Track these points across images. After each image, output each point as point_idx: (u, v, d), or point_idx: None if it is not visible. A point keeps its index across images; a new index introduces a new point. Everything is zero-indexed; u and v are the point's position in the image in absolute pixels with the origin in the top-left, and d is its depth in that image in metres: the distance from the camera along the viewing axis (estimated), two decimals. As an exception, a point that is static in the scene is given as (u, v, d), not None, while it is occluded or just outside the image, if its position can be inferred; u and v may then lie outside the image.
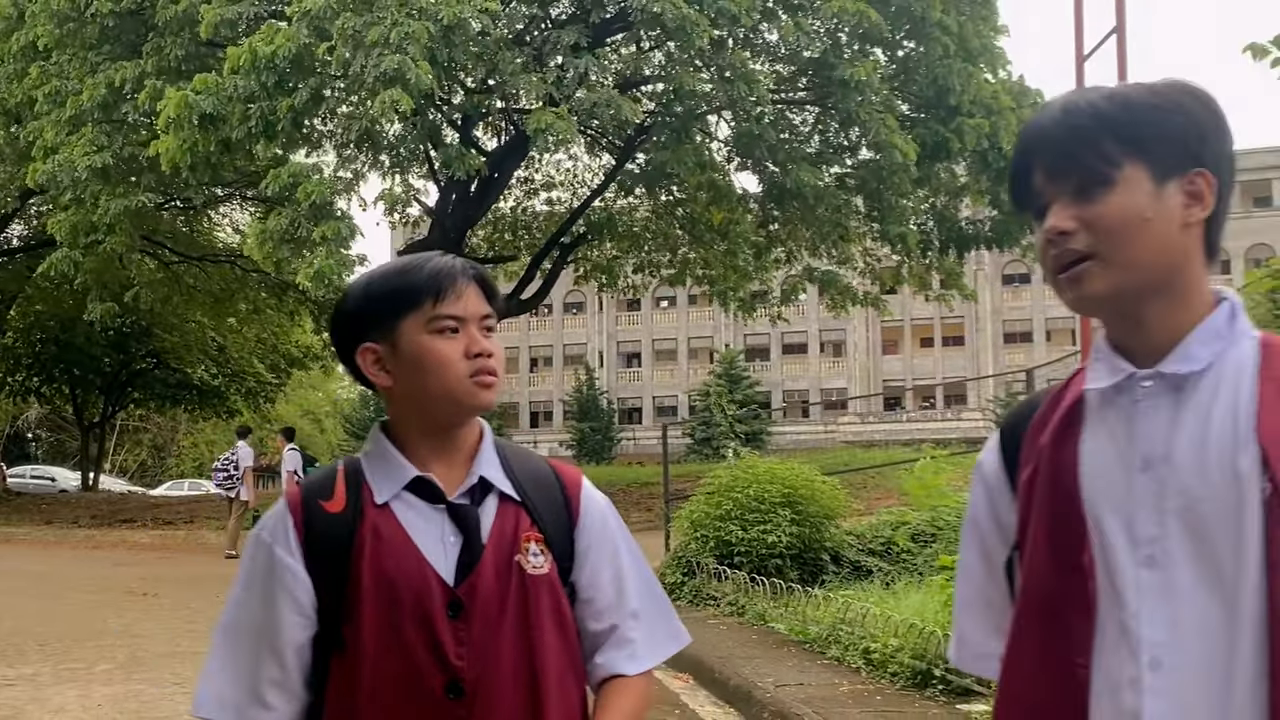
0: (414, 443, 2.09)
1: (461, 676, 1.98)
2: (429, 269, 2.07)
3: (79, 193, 20.03)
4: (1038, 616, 1.78)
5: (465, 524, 2.04)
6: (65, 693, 8.70)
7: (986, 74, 21.83)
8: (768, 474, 13.09)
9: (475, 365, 2.05)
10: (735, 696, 8.40)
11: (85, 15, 20.21)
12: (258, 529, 2.11)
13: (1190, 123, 1.69)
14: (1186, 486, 1.66)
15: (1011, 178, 1.82)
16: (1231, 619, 1.62)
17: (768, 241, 26.41)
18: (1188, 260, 1.70)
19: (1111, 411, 1.76)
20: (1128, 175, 1.67)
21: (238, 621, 2.06)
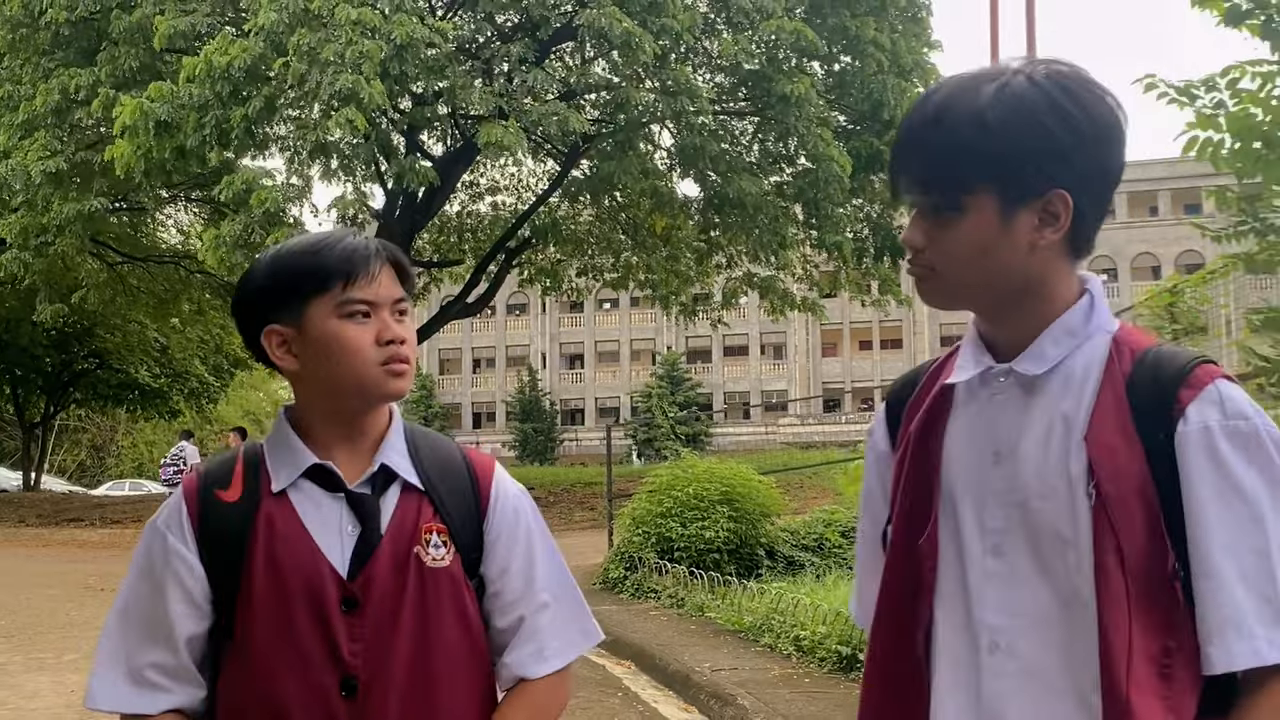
0: (318, 429, 2.02)
1: (355, 674, 1.92)
2: (340, 249, 1.98)
3: (31, 195, 20.27)
4: (889, 594, 1.89)
5: (364, 514, 1.98)
6: (38, 680, 9.10)
7: (920, 88, 22.53)
8: (706, 473, 13.70)
9: (386, 352, 1.97)
10: (674, 680, 8.98)
11: (39, 22, 20.44)
12: (154, 517, 2.05)
13: (1049, 146, 1.70)
14: (1026, 484, 1.74)
15: (889, 177, 1.91)
16: (1067, 611, 1.71)
17: (709, 247, 26.97)
18: (1040, 273, 1.75)
19: (974, 401, 1.84)
20: (978, 204, 1.71)
21: (130, 609, 2.00)
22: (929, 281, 1.78)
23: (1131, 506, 1.68)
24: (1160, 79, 6.20)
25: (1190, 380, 1.69)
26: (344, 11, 16.63)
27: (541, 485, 30.92)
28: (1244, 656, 1.62)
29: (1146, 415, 1.70)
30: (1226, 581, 1.64)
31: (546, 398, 77.15)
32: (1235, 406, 1.68)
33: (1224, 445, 1.67)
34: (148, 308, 35.11)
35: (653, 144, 24.49)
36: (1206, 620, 1.65)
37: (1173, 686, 1.66)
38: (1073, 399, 1.74)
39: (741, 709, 7.47)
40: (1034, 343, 1.76)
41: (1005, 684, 1.74)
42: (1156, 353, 1.76)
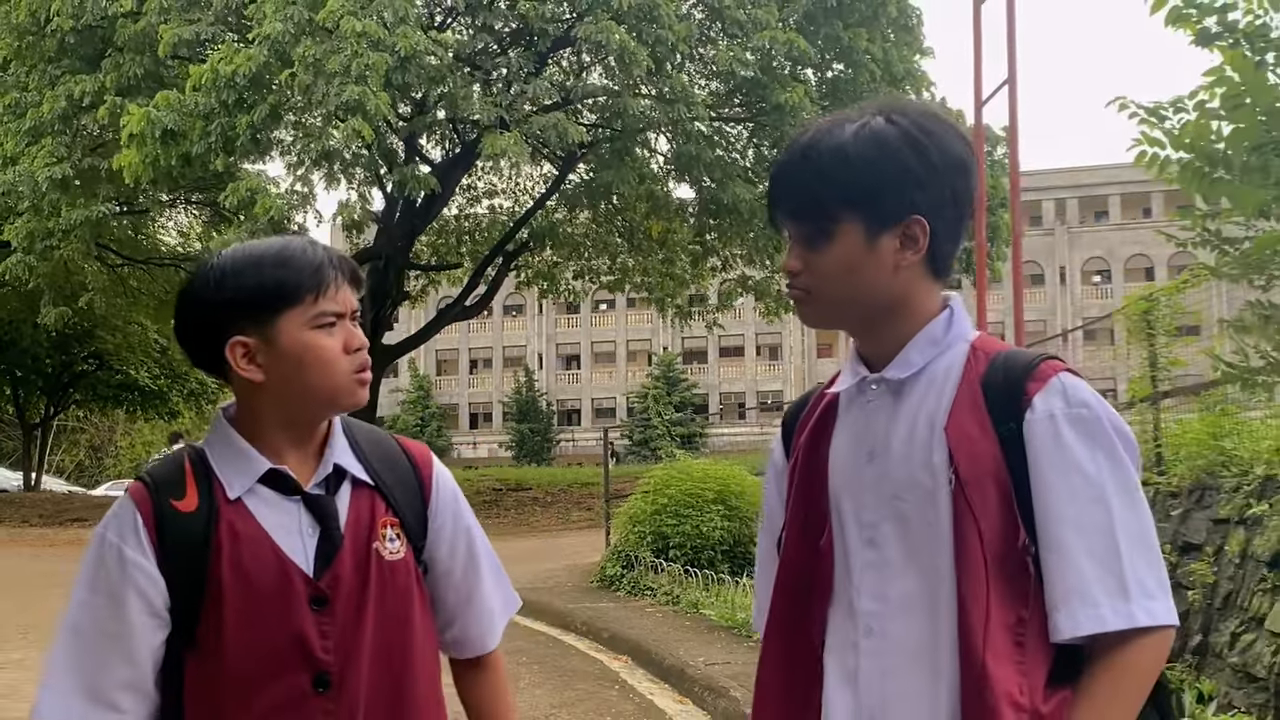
0: (269, 434, 2.03)
1: (328, 669, 1.96)
2: (307, 262, 2.00)
3: (38, 201, 20.56)
4: (788, 592, 2.02)
5: (323, 514, 2.01)
6: None
7: (912, 95, 22.82)
8: (701, 473, 14.02)
9: (356, 360, 2.02)
10: (669, 674, 9.30)
11: (45, 29, 20.72)
12: (102, 527, 2.01)
13: (907, 176, 1.85)
14: (895, 477, 1.88)
15: (767, 208, 2.04)
16: (931, 594, 1.84)
17: (704, 251, 27.27)
18: (905, 291, 1.90)
19: (854, 410, 1.98)
20: (845, 230, 1.86)
21: (82, 624, 1.95)
22: (806, 304, 1.95)
23: (986, 489, 1.80)
24: (1131, 100, 6.54)
25: (1036, 374, 1.84)
26: (349, 24, 16.94)
27: (539, 485, 31.13)
28: (1088, 623, 1.74)
29: (998, 407, 1.84)
30: (1071, 554, 1.77)
31: (543, 398, 77.29)
32: (1077, 396, 1.83)
33: (1067, 430, 1.80)
34: (148, 309, 35.28)
35: (649, 149, 24.77)
36: (1053, 590, 1.77)
37: (1026, 653, 1.78)
38: (934, 399, 1.88)
39: (734, 700, 7.74)
40: (900, 352, 1.91)
41: (878, 663, 1.87)
42: (1008, 354, 1.91)
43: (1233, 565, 7.07)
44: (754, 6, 20.33)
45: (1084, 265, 73.98)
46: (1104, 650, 1.75)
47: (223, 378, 2.03)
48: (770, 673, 2.04)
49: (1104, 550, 1.77)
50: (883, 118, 1.88)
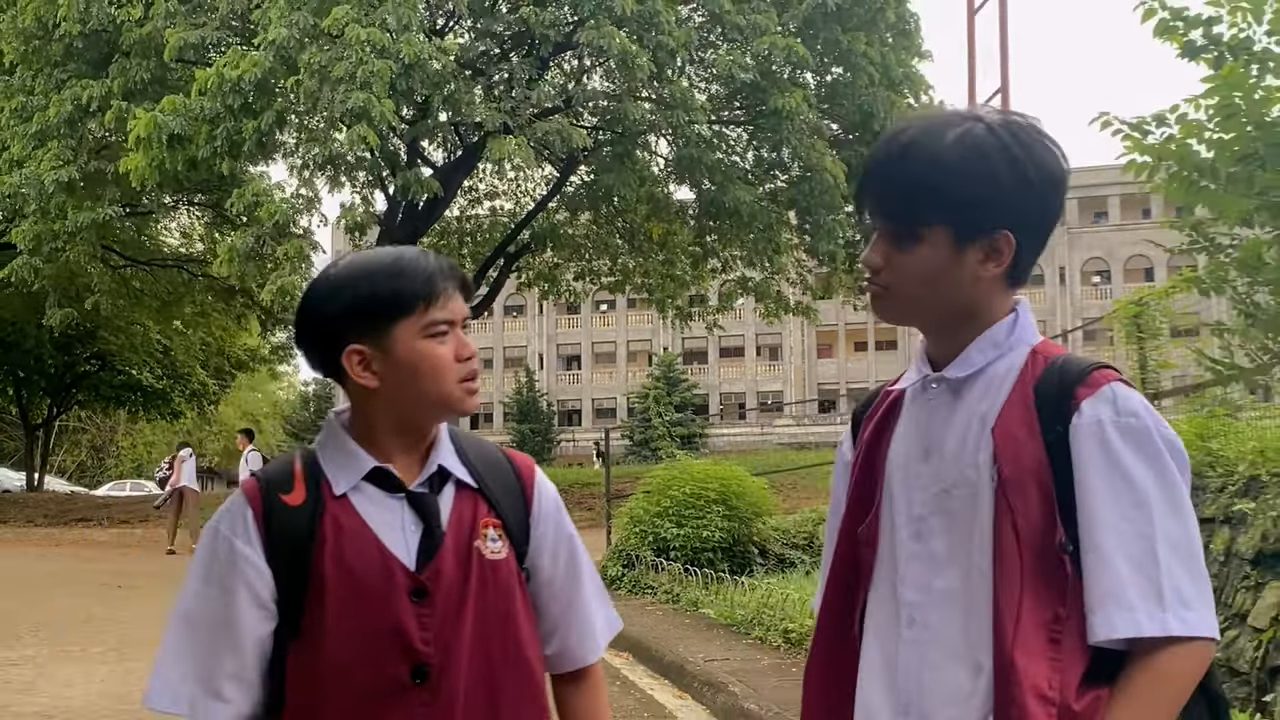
0: (380, 438, 2.09)
1: (427, 661, 2.00)
2: (420, 272, 2.06)
3: (44, 204, 20.73)
4: (834, 581, 2.11)
5: (425, 512, 2.06)
6: (68, 670, 9.51)
7: (910, 99, 23.00)
8: (702, 474, 14.18)
9: (465, 369, 2.08)
10: (669, 670, 9.47)
11: (52, 34, 20.90)
12: (214, 521, 2.09)
13: (1000, 191, 1.87)
14: (946, 474, 1.94)
15: (854, 196, 2.15)
16: (969, 585, 1.89)
17: (704, 252, 27.42)
18: (981, 300, 1.95)
19: (915, 407, 2.04)
20: (933, 234, 1.90)
21: (194, 613, 2.03)
22: (883, 299, 2.00)
23: (1028, 488, 1.84)
24: (1115, 116, 6.73)
25: (1088, 381, 1.87)
26: (354, 31, 17.13)
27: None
28: (1124, 627, 1.77)
29: (1047, 410, 1.87)
30: (1110, 558, 1.80)
31: (544, 398, 77.47)
32: (1127, 405, 1.85)
33: (1114, 437, 1.83)
34: (151, 310, 35.40)
35: (650, 152, 24.92)
36: (1091, 592, 1.81)
37: (1061, 650, 1.81)
38: (989, 400, 1.92)
39: (732, 695, 7.90)
40: (963, 352, 1.96)
41: (917, 652, 1.93)
42: (1065, 359, 1.94)
43: (1218, 563, 7.21)
44: (754, 12, 20.50)
45: (1084, 266, 74.20)
46: (1141, 656, 1.79)
47: (339, 381, 2.11)
48: (818, 657, 2.11)
49: (1142, 556, 1.80)
50: (984, 126, 1.91)
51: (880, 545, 2.01)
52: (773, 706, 7.59)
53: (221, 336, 42.00)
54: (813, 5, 20.91)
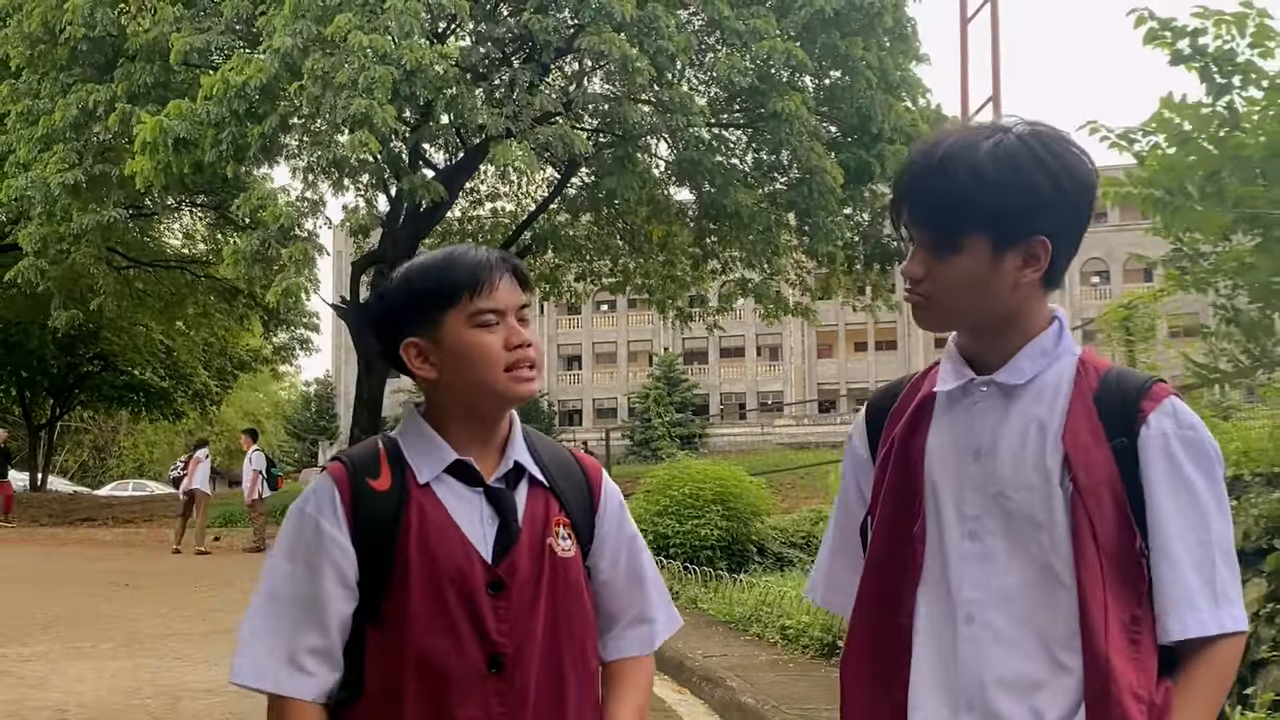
0: (453, 429, 2.15)
1: (502, 651, 2.06)
2: (466, 263, 2.11)
3: (50, 207, 20.91)
4: (877, 575, 2.12)
5: (502, 507, 2.12)
6: (79, 666, 9.64)
7: (907, 102, 23.16)
8: (701, 474, 14.36)
9: (514, 356, 2.10)
10: (669, 666, 9.63)
11: (58, 39, 21.08)
12: (300, 502, 2.14)
13: (1035, 198, 1.93)
14: (1003, 477, 1.98)
15: (890, 207, 2.12)
16: (1038, 584, 1.96)
17: (704, 254, 27.59)
18: (1021, 306, 2.01)
19: (956, 408, 2.07)
20: (973, 244, 1.95)
21: (280, 591, 2.09)
22: (925, 309, 2.04)
23: (1102, 496, 1.93)
24: (1102, 124, 6.91)
25: (1151, 394, 1.97)
26: (357, 38, 17.31)
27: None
28: (1195, 628, 1.90)
29: (1113, 421, 1.96)
30: (1180, 565, 1.91)
31: (545, 399, 77.48)
32: (1187, 418, 1.97)
33: (1178, 449, 1.94)
34: (154, 311, 35.50)
35: (650, 154, 25.09)
36: (1164, 596, 1.92)
37: (1141, 650, 1.92)
38: (1046, 407, 1.99)
39: (730, 690, 8.08)
40: (1012, 359, 2.01)
41: (981, 649, 1.97)
42: (1119, 371, 2.05)
43: (1204, 561, 7.39)
44: (753, 18, 20.68)
45: (1083, 266, 74.29)
46: (1196, 650, 1.93)
47: (412, 377, 2.17)
48: (858, 650, 2.14)
49: (1204, 561, 1.93)
50: (1015, 136, 1.98)
51: (929, 543, 2.05)
52: (769, 700, 7.77)
53: (224, 337, 42.11)
54: (811, 11, 21.08)
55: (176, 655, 10.10)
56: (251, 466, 21.72)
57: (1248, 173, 5.94)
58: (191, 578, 16.83)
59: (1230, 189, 5.94)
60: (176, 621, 12.13)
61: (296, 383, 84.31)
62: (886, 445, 2.13)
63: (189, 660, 9.73)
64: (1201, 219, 6.25)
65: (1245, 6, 6.21)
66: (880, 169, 22.16)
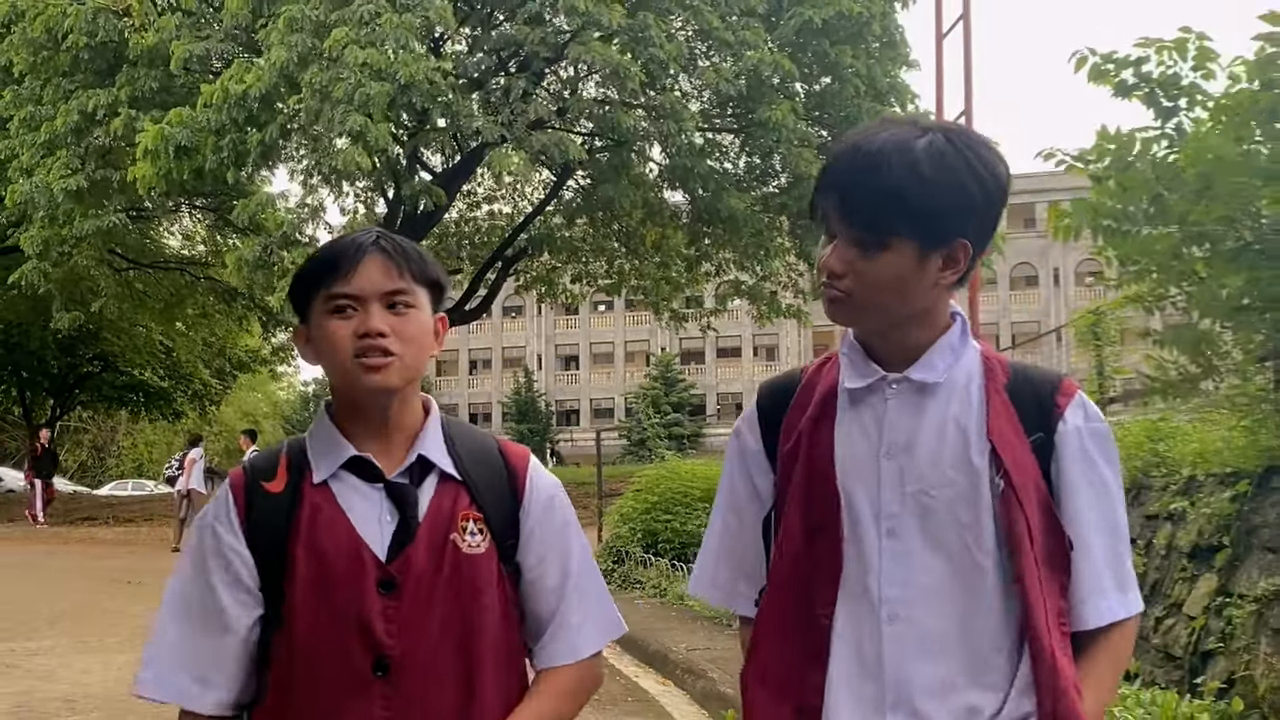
0: (346, 422, 2.07)
1: (388, 654, 1.97)
2: (332, 246, 2.05)
3: (53, 211, 21.21)
4: (789, 574, 2.08)
5: (403, 502, 2.02)
6: (86, 660, 10.00)
7: (896, 108, 23.41)
8: (689, 473, 14.73)
9: (359, 345, 1.98)
10: (654, 659, 10.00)
11: (60, 44, 21.37)
12: (203, 512, 2.10)
13: (965, 202, 1.93)
14: (922, 474, 1.97)
15: (814, 198, 2.04)
16: (962, 582, 1.96)
17: (698, 256, 27.87)
18: (934, 304, 2.01)
19: (863, 405, 2.04)
20: (899, 244, 1.92)
21: (181, 599, 2.05)
22: (842, 305, 2.00)
23: (1030, 492, 1.95)
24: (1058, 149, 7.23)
25: (1063, 389, 2.02)
26: (353, 53, 17.66)
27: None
28: (1108, 615, 1.98)
29: (1029, 417, 1.99)
30: (1095, 556, 1.98)
31: (542, 399, 77.67)
32: (1094, 411, 2.03)
33: (1090, 443, 2.00)
34: (153, 312, 35.53)
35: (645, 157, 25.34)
36: (1081, 585, 1.98)
37: (1068, 642, 1.98)
38: (959, 403, 2.00)
39: (710, 680, 8.46)
40: (924, 356, 2.01)
41: (905, 648, 1.96)
42: (1026, 367, 2.08)
43: (1159, 557, 7.68)
44: (742, 29, 20.99)
45: (1077, 267, 74.45)
46: (1103, 633, 2.01)
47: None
48: (765, 651, 2.10)
49: (1112, 550, 2.02)
50: (944, 137, 1.96)
51: (845, 543, 2.01)
52: (747, 690, 8.13)
53: (223, 337, 42.29)
54: (800, 22, 21.36)
55: (179, 649, 10.41)
56: (253, 467, 21.89)
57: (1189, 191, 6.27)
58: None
59: (1174, 208, 6.28)
60: (178, 617, 12.40)
61: (295, 383, 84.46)
62: (791, 441, 2.10)
63: (191, 654, 10.07)
64: (1149, 241, 6.59)
65: (1184, 32, 6.56)
66: (870, 174, 22.45)
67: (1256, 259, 6.19)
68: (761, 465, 2.18)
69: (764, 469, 2.17)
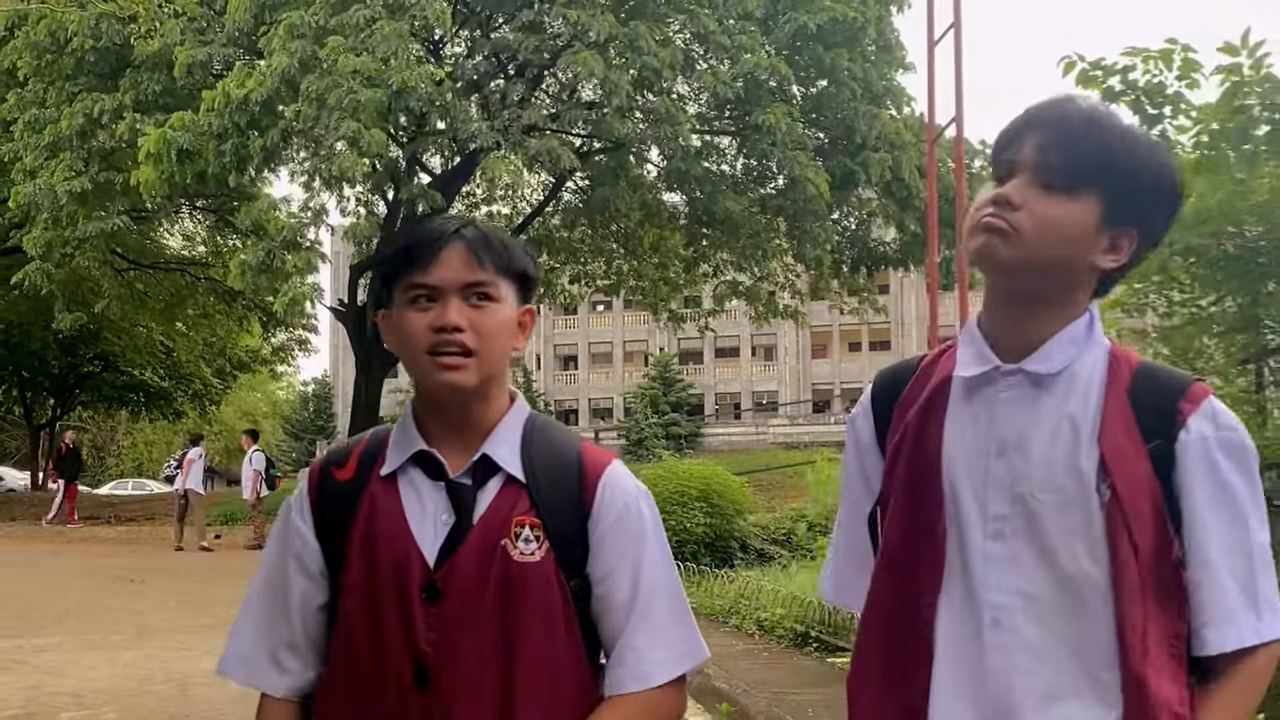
0: (423, 416, 2.01)
1: (427, 663, 1.88)
2: (413, 234, 1.97)
3: (56, 213, 21.37)
4: (892, 574, 1.99)
5: (460, 504, 1.94)
6: (93, 656, 10.16)
7: (892, 110, 23.61)
8: (686, 473, 14.95)
9: (434, 340, 1.91)
10: (651, 656, 10.20)
11: (64, 48, 21.51)
12: (289, 498, 2.10)
13: (1154, 195, 1.88)
14: (1032, 475, 1.86)
15: (1010, 131, 1.92)
16: (1069, 592, 1.85)
17: (696, 257, 28.04)
18: (1080, 287, 1.91)
19: (976, 397, 1.94)
20: (1088, 199, 1.84)
21: (261, 584, 2.05)
22: (1004, 239, 1.85)
23: (1140, 503, 1.83)
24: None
25: (1190, 395, 1.88)
26: (346, 61, 17.84)
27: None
28: (1234, 641, 1.84)
29: (1149, 423, 1.86)
30: (1220, 574, 1.84)
31: (541, 399, 77.77)
32: (1226, 420, 1.87)
33: (1219, 453, 1.86)
34: (154, 312, 35.72)
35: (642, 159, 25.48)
36: (1205, 608, 1.85)
37: (1181, 666, 1.85)
38: (1078, 402, 1.88)
39: (706, 676, 8.58)
40: (1042, 347, 1.89)
41: (1009, 658, 1.86)
42: (1154, 368, 1.96)
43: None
44: (739, 33, 21.14)
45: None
46: (1236, 660, 1.87)
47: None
48: (870, 651, 2.03)
49: (1244, 570, 1.86)
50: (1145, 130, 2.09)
51: (949, 543, 1.93)
52: (741, 684, 8.33)
53: (224, 337, 42.48)
54: (796, 26, 21.53)
55: (183, 646, 10.58)
56: (252, 467, 22.19)
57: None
58: (194, 573, 17.33)
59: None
60: (182, 615, 12.61)
61: (294, 383, 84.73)
62: (898, 433, 2.02)
63: (196, 651, 10.20)
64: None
65: (1170, 44, 6.75)
66: (865, 176, 22.66)
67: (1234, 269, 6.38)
68: (873, 457, 2.12)
69: (875, 461, 2.11)
